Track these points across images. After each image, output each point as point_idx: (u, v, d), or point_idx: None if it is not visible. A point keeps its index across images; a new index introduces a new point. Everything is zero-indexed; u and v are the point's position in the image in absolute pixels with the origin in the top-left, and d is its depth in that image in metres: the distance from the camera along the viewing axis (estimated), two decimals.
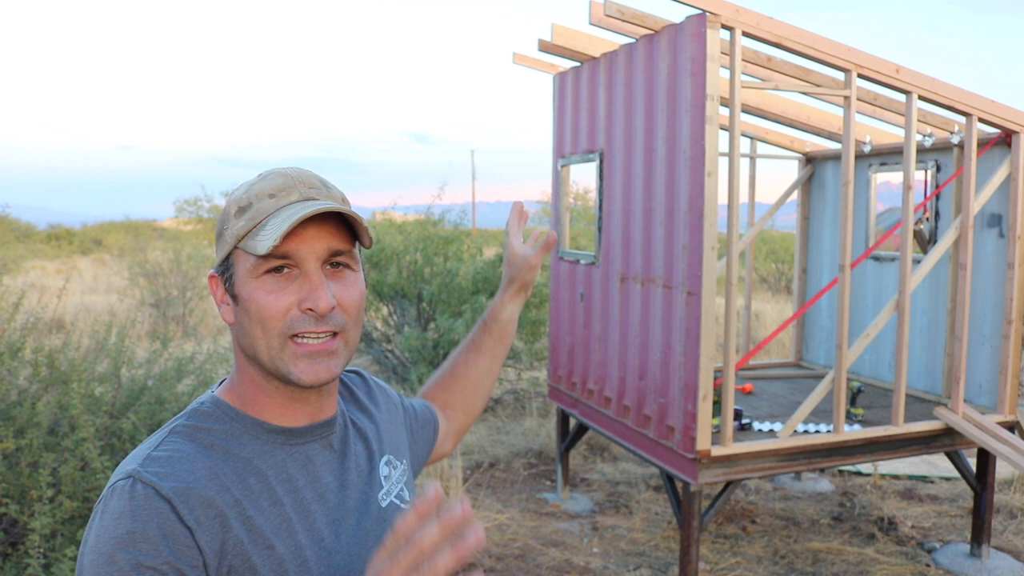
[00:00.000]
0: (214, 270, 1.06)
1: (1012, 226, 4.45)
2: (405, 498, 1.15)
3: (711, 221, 3.69)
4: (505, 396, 8.29)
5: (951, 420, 4.37)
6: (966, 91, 4.20)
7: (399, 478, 1.16)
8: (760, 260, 18.00)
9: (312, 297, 0.97)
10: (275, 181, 1.01)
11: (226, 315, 1.04)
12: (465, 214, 9.25)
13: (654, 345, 4.15)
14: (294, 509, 0.99)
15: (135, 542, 0.86)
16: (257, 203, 1.00)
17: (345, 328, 1.01)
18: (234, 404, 1.04)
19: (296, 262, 0.98)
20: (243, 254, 0.99)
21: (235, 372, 1.06)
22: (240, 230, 0.99)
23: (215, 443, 0.99)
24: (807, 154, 6.23)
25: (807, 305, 4.63)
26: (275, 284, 0.98)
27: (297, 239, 0.97)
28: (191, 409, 1.04)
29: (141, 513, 0.88)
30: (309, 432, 1.06)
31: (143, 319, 11.09)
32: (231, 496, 0.94)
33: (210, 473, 0.95)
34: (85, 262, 23.75)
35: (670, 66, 3.92)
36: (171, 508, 0.89)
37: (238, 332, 1.02)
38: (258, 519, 0.95)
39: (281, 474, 1.01)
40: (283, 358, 0.98)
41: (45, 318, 4.54)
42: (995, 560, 4.57)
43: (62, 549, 2.95)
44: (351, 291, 1.02)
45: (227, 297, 1.03)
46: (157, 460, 0.94)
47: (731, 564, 4.52)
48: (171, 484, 0.90)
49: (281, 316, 0.97)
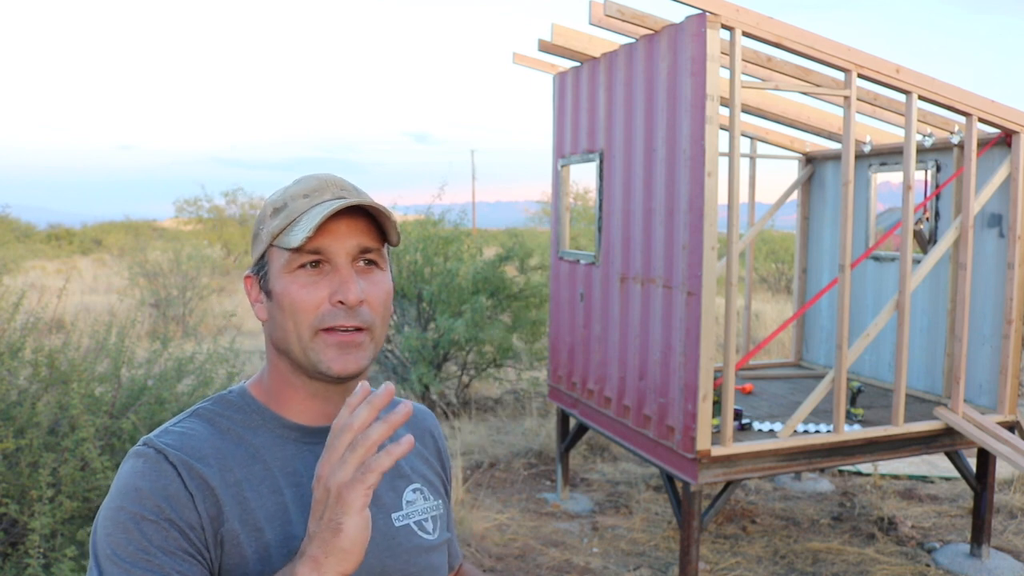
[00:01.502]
0: (249, 271, 1.11)
1: (1012, 226, 4.45)
2: (427, 529, 1.16)
3: (711, 221, 3.69)
4: (505, 396, 8.29)
5: (951, 420, 4.37)
6: (966, 91, 4.20)
7: (426, 510, 1.17)
8: (760, 260, 18.00)
9: (342, 290, 1.02)
10: (309, 183, 1.07)
11: (260, 312, 1.10)
12: (465, 214, 9.24)
13: (654, 345, 4.15)
14: (294, 501, 1.03)
15: (140, 499, 0.95)
16: (292, 203, 1.05)
17: (372, 324, 1.06)
18: (259, 398, 1.10)
19: (327, 257, 1.03)
20: (277, 251, 1.05)
21: (265, 366, 1.13)
22: (275, 228, 1.05)
23: (231, 428, 1.06)
24: (807, 154, 6.23)
25: (807, 305, 4.63)
26: (308, 278, 1.03)
27: (329, 235, 1.02)
28: (218, 396, 1.11)
29: (149, 474, 0.97)
30: (324, 434, 1.09)
31: (143, 319, 11.09)
32: (233, 476, 1.01)
33: (216, 452, 1.02)
34: (85, 262, 23.75)
35: (670, 66, 3.92)
36: (176, 473, 0.97)
37: (271, 327, 1.08)
38: (254, 502, 1.01)
39: (287, 467, 1.05)
40: (314, 348, 1.03)
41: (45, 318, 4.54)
42: (995, 560, 4.57)
43: (62, 549, 2.95)
44: (379, 288, 1.06)
45: (261, 295, 1.09)
46: (171, 433, 1.03)
47: (731, 564, 4.52)
48: (177, 454, 0.99)
49: (313, 309, 1.03)
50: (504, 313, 7.91)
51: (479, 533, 4.83)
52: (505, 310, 7.88)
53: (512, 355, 7.86)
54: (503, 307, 7.84)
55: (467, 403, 7.87)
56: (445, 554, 1.19)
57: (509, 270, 8.05)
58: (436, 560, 1.15)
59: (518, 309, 7.87)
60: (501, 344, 7.57)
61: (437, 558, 1.15)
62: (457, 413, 7.51)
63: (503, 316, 7.92)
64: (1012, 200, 4.44)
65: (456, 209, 9.12)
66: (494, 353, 7.82)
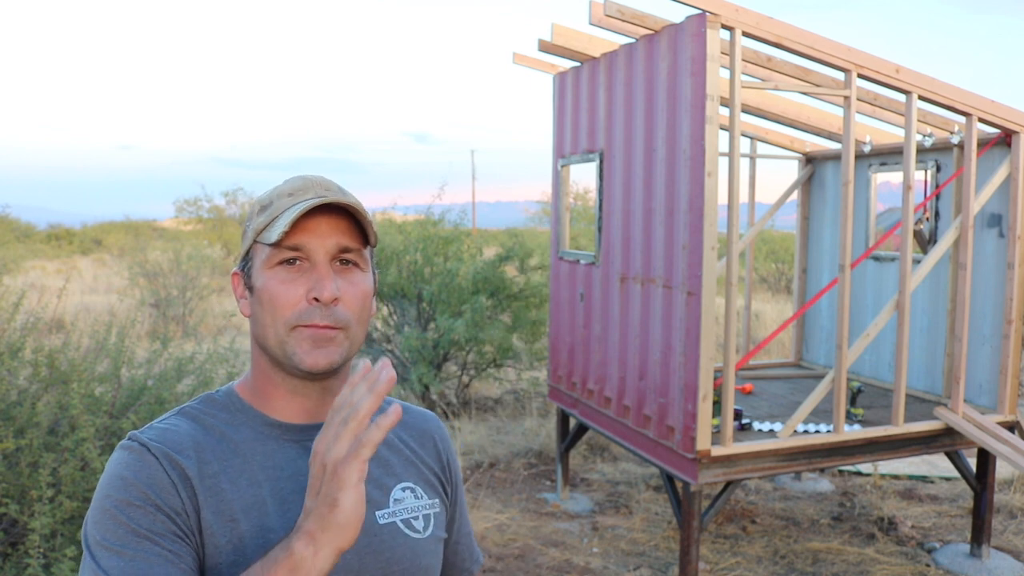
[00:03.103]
0: (236, 267, 1.13)
1: (1012, 226, 4.45)
2: (415, 527, 1.15)
3: (711, 221, 3.69)
4: (505, 396, 8.29)
5: (951, 420, 4.37)
6: (966, 91, 4.20)
7: (417, 508, 1.16)
8: (760, 260, 18.00)
9: (317, 287, 1.04)
10: (295, 183, 1.10)
11: (244, 308, 1.12)
12: (465, 214, 9.24)
13: (654, 345, 4.15)
14: (272, 495, 1.05)
15: (125, 487, 0.99)
16: (277, 201, 1.08)
17: (348, 324, 1.07)
18: (244, 397, 1.13)
19: (307, 255, 1.05)
20: (260, 247, 1.08)
21: (250, 365, 1.15)
22: (259, 225, 1.08)
23: (215, 426, 1.09)
24: (807, 154, 6.23)
25: (807, 305, 4.63)
26: (287, 275, 1.05)
27: (309, 233, 1.04)
28: (205, 395, 1.14)
29: (133, 464, 1.01)
30: (305, 431, 1.11)
31: (143, 319, 11.09)
32: (210, 468, 1.04)
33: (196, 446, 1.05)
34: (85, 262, 23.75)
35: (670, 66, 3.92)
36: (159, 464, 1.01)
37: (253, 323, 1.10)
38: (231, 493, 1.03)
39: (267, 461, 1.08)
40: (289, 342, 1.05)
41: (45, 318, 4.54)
42: (995, 560, 4.57)
43: (62, 549, 2.95)
44: (356, 288, 1.08)
45: (245, 291, 1.11)
46: (155, 429, 1.06)
47: (731, 564, 4.52)
48: (159, 446, 1.03)
49: (291, 305, 1.05)
50: (504, 313, 7.91)
51: (479, 533, 4.84)
52: (505, 310, 7.88)
53: (512, 355, 7.86)
54: (503, 307, 7.84)
55: (467, 403, 7.87)
56: (438, 553, 1.19)
57: (509, 270, 8.05)
58: (425, 558, 1.14)
59: (518, 309, 7.87)
60: (501, 344, 7.57)
61: (426, 556, 1.15)
62: (457, 413, 7.51)
63: (503, 316, 7.92)
64: (1012, 200, 4.44)
65: (456, 209, 9.12)
66: (494, 353, 7.82)
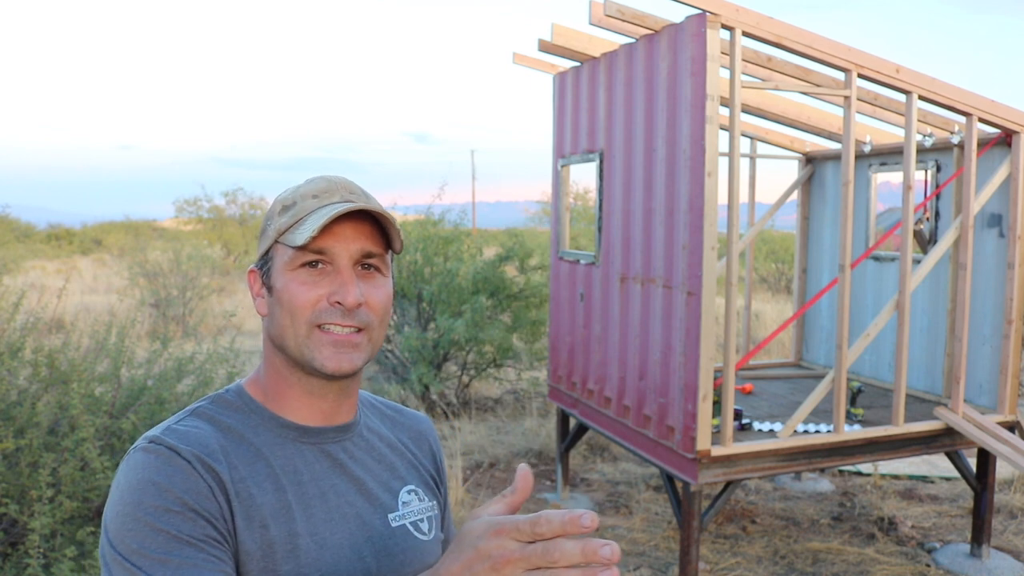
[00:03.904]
0: (254, 265, 1.13)
1: (1012, 226, 4.45)
2: (423, 529, 1.17)
3: (711, 221, 3.69)
4: (505, 396, 8.29)
5: (951, 420, 4.37)
6: (966, 91, 4.20)
7: (421, 510, 1.19)
8: (760, 260, 18.00)
9: (341, 291, 1.04)
10: (319, 184, 1.09)
11: (260, 307, 1.11)
12: (465, 214, 9.24)
13: (654, 345, 4.15)
14: (296, 499, 1.05)
15: (159, 492, 0.94)
16: (301, 202, 1.07)
17: (370, 326, 1.07)
18: (256, 397, 1.11)
19: (330, 259, 1.05)
20: (282, 248, 1.07)
21: (262, 364, 1.14)
22: (282, 226, 1.07)
23: (232, 428, 1.07)
24: (807, 154, 6.23)
25: (807, 305, 4.63)
26: (308, 277, 1.05)
27: (333, 237, 1.04)
28: (215, 395, 1.11)
29: (164, 469, 0.96)
30: (322, 433, 1.11)
31: (143, 319, 11.09)
32: (238, 473, 1.01)
33: (222, 450, 1.02)
34: (85, 262, 23.75)
35: (670, 66, 3.91)
36: (192, 468, 0.97)
37: (269, 323, 1.10)
38: (260, 498, 1.01)
39: (287, 466, 1.07)
40: (309, 345, 1.05)
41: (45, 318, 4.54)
42: (995, 560, 4.57)
43: (62, 549, 2.95)
44: (379, 292, 1.08)
45: (263, 290, 1.11)
46: (176, 432, 1.02)
47: (731, 564, 4.52)
48: (189, 449, 0.99)
49: (310, 306, 1.04)
50: (504, 313, 7.91)
51: None
52: (505, 310, 7.88)
53: (512, 355, 7.86)
54: (503, 307, 7.84)
55: (467, 403, 7.87)
56: (440, 553, 1.20)
57: (509, 270, 8.05)
58: (431, 560, 1.15)
59: (518, 309, 7.87)
60: (501, 344, 7.57)
61: (432, 558, 1.16)
62: (457, 413, 7.51)
63: (503, 316, 7.92)
64: (1012, 200, 4.44)
65: (456, 209, 9.13)
66: (494, 353, 7.82)
